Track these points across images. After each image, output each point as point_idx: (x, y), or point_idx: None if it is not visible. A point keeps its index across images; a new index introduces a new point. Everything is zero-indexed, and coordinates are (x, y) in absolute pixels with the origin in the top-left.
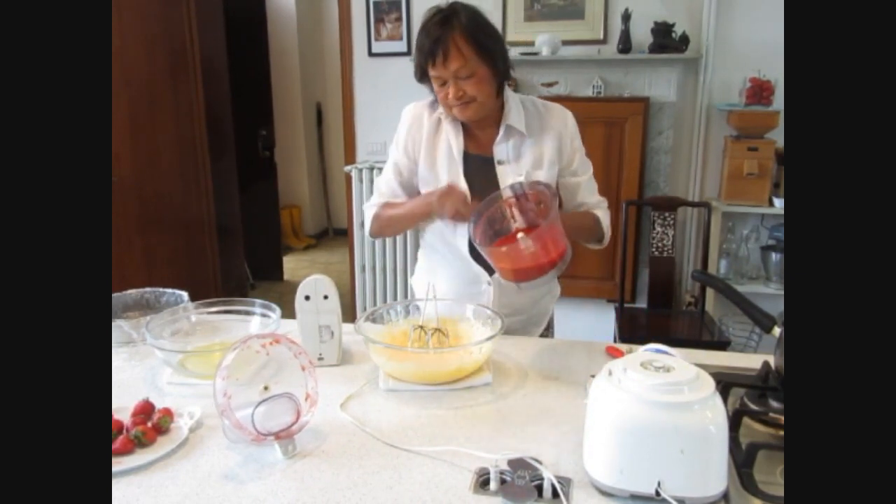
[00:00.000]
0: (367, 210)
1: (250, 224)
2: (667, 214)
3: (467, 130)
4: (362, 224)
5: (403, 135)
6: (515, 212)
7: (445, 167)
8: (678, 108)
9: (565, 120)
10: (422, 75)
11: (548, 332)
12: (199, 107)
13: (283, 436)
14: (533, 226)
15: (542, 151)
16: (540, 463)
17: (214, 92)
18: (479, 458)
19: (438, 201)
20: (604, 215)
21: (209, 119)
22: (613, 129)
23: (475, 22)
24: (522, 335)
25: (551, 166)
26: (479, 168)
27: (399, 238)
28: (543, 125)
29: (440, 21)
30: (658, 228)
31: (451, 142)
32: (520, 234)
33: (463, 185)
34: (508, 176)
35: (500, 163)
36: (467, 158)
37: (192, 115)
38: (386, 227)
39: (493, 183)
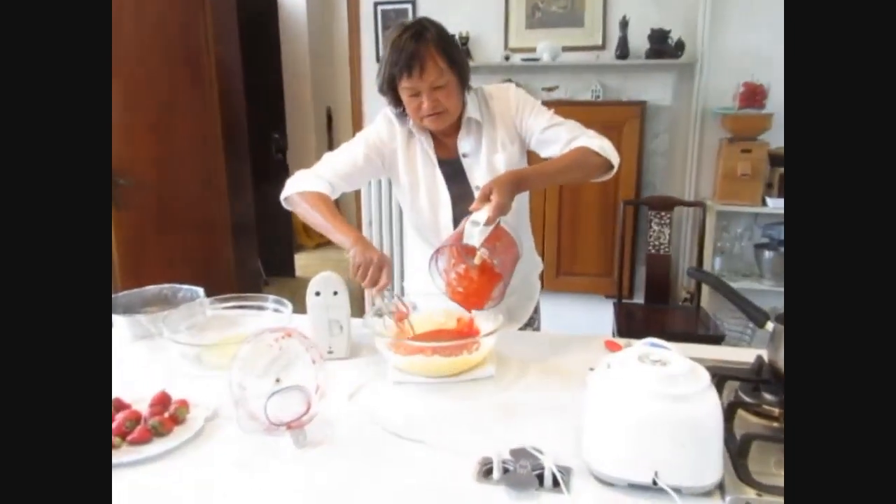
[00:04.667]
0: (299, 180)
1: (264, 223)
2: (663, 214)
3: (435, 139)
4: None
5: (375, 137)
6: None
7: (425, 173)
8: (674, 111)
9: (507, 98)
10: (389, 88)
11: (536, 313)
12: (215, 111)
13: (295, 426)
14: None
15: (495, 137)
16: (541, 453)
17: (230, 97)
18: (482, 447)
19: (355, 262)
20: (590, 140)
21: (224, 123)
22: (611, 132)
23: (444, 36)
24: (516, 314)
25: (506, 147)
26: (451, 171)
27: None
28: (491, 112)
29: (413, 35)
30: (655, 227)
31: (427, 149)
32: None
33: (444, 192)
34: (473, 168)
35: (464, 156)
36: (441, 164)
37: (208, 118)
38: (301, 213)
39: (464, 180)
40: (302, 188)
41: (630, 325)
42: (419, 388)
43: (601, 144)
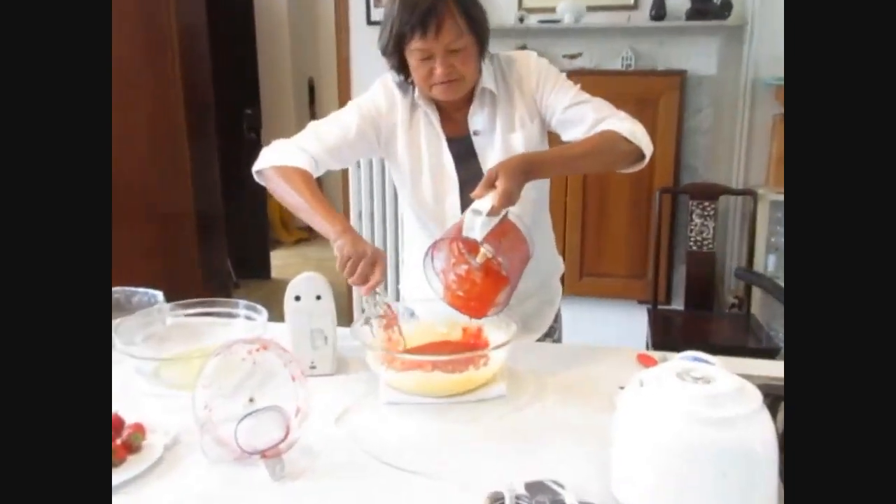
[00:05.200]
0: (278, 151)
1: (234, 216)
2: (706, 204)
3: (442, 113)
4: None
5: (371, 107)
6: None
7: (429, 152)
8: (719, 82)
9: (527, 68)
10: (395, 50)
11: (556, 322)
12: (176, 85)
13: (271, 454)
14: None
15: (512, 113)
16: (562, 487)
17: (194, 68)
18: (492, 480)
19: (344, 255)
20: (620, 124)
21: (187, 98)
22: (645, 107)
23: None
24: (534, 323)
25: (524, 125)
26: (459, 151)
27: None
28: (508, 84)
29: None
30: (696, 220)
31: (434, 124)
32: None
33: (451, 175)
34: (486, 148)
35: (475, 133)
36: (447, 143)
37: (168, 94)
38: (277, 192)
39: (475, 163)
40: (280, 161)
41: (667, 335)
42: (417, 410)
43: (632, 129)
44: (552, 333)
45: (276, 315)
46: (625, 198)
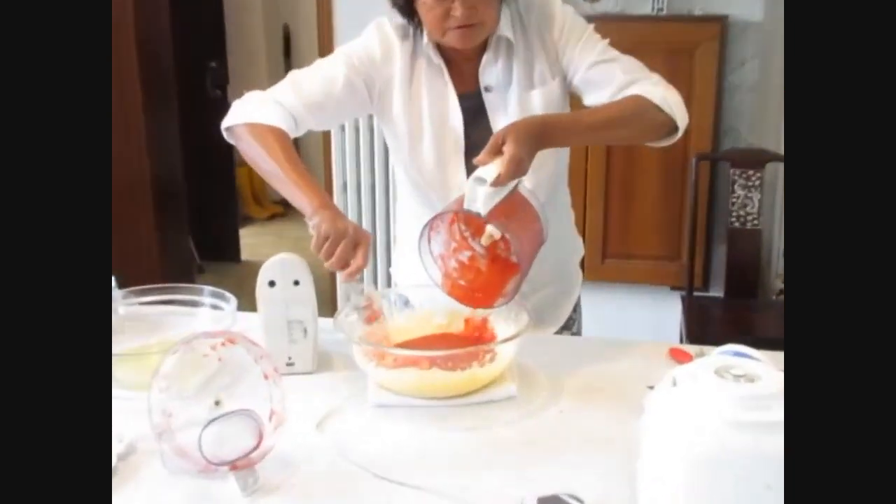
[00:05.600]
0: (251, 105)
1: (198, 187)
2: (750, 173)
3: (448, 64)
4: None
5: (363, 56)
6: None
7: (432, 111)
8: (767, 30)
9: (551, 16)
10: None
11: (575, 313)
12: (127, 35)
13: (241, 465)
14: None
15: (531, 66)
16: (581, 502)
17: (148, 15)
18: (499, 495)
19: (321, 234)
20: (652, 89)
21: (141, 51)
22: (679, 59)
23: None
24: (549, 314)
25: (545, 82)
26: (468, 108)
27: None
28: (527, 34)
29: None
30: (739, 191)
31: (444, 76)
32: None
33: (458, 138)
34: (498, 107)
35: (486, 89)
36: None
37: (118, 46)
38: (248, 155)
39: (485, 123)
40: (253, 118)
41: (704, 326)
42: (412, 414)
43: (665, 96)
44: (570, 326)
45: (247, 304)
46: (655, 166)
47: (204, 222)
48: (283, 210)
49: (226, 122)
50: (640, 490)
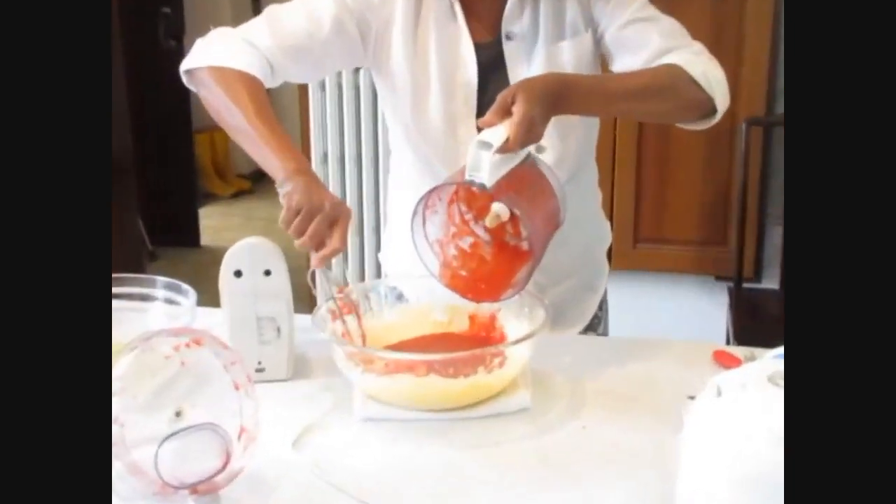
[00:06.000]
0: (218, 45)
1: (149, 160)
2: None
3: (464, 5)
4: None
5: None
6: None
7: (441, 62)
8: None
9: None
10: None
11: (601, 311)
12: None
13: (204, 490)
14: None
15: (562, 14)
16: None
17: None
18: None
19: (291, 205)
20: (693, 60)
21: None
22: (727, 6)
23: None
24: (571, 313)
25: (577, 32)
26: (484, 60)
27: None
28: None
29: None
30: None
31: (458, 20)
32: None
33: (470, 94)
34: (519, 58)
35: (508, 38)
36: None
37: None
38: (211, 105)
39: (503, 77)
40: (220, 60)
41: (756, 324)
42: (406, 430)
43: (706, 71)
44: (595, 326)
45: (209, 297)
46: (696, 133)
47: (156, 200)
48: (251, 185)
49: (185, 64)
50: None
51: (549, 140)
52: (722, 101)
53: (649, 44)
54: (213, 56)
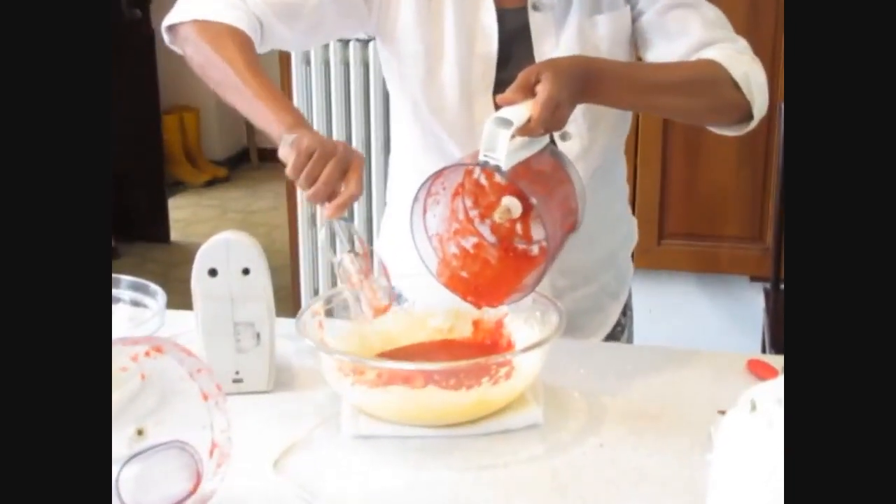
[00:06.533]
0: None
1: (110, 143)
2: None
3: None
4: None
5: None
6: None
7: (459, 27)
8: None
9: None
10: None
11: (625, 317)
12: None
13: None
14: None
15: None
16: None
17: None
18: None
19: (302, 149)
20: (734, 59)
21: None
22: None
23: None
24: (591, 320)
25: (616, 6)
26: (505, 30)
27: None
28: None
29: None
30: None
31: None
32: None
33: (488, 67)
34: (547, 32)
35: (535, 7)
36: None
37: None
38: (196, 62)
39: (527, 52)
40: (205, 15)
41: None
42: (401, 449)
43: (748, 73)
44: (618, 335)
45: (179, 299)
46: None
47: (120, 190)
48: (227, 173)
49: (168, 20)
50: None
51: (575, 127)
52: (760, 107)
53: (690, 33)
54: (197, 10)
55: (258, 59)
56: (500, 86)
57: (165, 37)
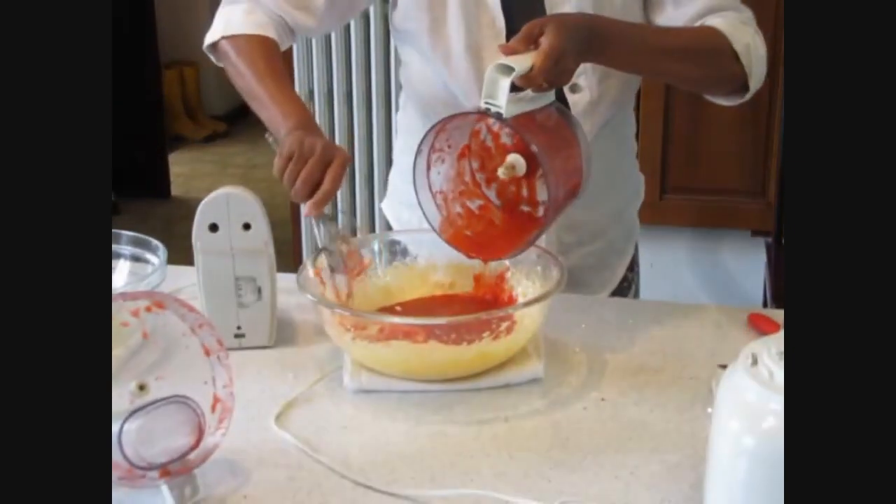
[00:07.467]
0: (231, 8)
1: (109, 97)
2: None
3: None
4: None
5: None
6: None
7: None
8: None
9: None
10: None
11: (631, 272)
12: None
13: (175, 471)
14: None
15: None
16: None
17: None
18: None
19: (285, 151)
20: (737, 30)
21: None
22: None
23: None
24: (597, 276)
25: None
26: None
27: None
28: None
29: None
30: None
31: None
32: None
33: (497, 26)
34: None
35: None
36: None
37: None
38: (232, 77)
39: (537, 6)
40: (233, 29)
41: None
42: (402, 403)
43: (750, 45)
44: (625, 291)
45: (181, 254)
46: None
47: (120, 145)
48: (227, 127)
49: (207, 39)
50: (707, 501)
51: (585, 79)
52: (758, 80)
53: (696, 5)
54: (225, 27)
55: (279, 65)
56: (508, 38)
57: (211, 57)
